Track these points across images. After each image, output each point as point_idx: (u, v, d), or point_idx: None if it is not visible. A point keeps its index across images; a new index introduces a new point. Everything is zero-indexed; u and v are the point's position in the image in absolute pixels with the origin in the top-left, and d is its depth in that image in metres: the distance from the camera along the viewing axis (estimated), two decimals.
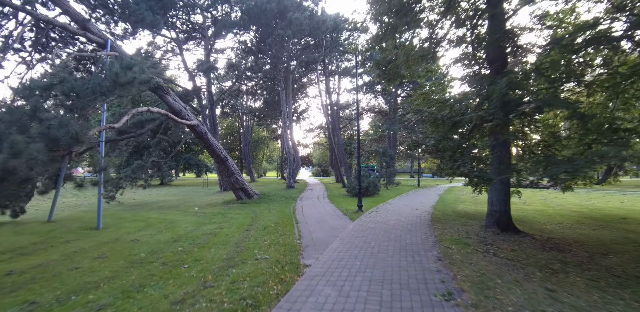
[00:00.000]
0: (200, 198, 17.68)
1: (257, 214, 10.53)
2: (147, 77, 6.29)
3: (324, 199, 15.57)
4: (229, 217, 10.06)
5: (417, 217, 9.70)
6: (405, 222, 8.78)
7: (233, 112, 37.65)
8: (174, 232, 7.94)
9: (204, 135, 12.50)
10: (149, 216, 10.83)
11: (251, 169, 37.33)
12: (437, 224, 8.74)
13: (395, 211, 11.05)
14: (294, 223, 8.69)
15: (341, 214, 10.29)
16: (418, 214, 10.32)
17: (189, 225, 8.91)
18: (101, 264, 5.28)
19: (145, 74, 6.31)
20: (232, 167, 13.56)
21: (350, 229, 7.81)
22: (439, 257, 5.43)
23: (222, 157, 13.14)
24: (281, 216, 10.08)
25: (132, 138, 14.04)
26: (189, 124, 11.34)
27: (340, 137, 27.00)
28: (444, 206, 12.99)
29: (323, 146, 45.82)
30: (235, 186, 13.83)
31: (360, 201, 10.68)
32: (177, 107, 11.85)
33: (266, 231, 7.72)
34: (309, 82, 32.75)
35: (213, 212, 11.50)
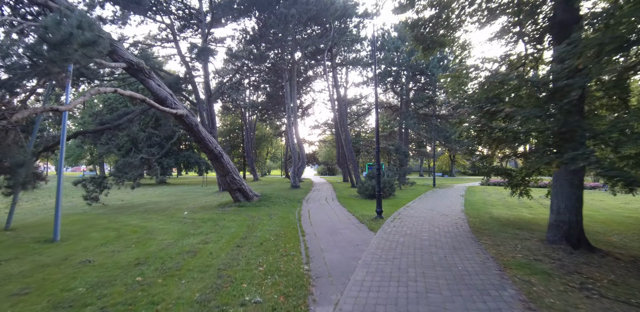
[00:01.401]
0: (196, 199, 15.93)
1: (255, 221, 8.70)
2: (93, 37, 4.44)
3: (333, 201, 13.69)
4: (220, 226, 8.24)
5: (452, 227, 7.79)
6: (441, 235, 6.88)
7: (235, 107, 35.93)
8: (144, 248, 6.12)
9: (194, 128, 10.70)
10: (127, 223, 9.06)
11: (254, 168, 35.60)
12: (482, 236, 6.83)
13: (421, 217, 9.14)
14: (300, 236, 6.83)
15: (357, 222, 8.41)
16: (451, 222, 8.40)
17: (167, 237, 7.10)
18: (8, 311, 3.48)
19: (90, 32, 4.46)
20: (227, 164, 11.75)
21: (374, 245, 5.93)
22: (523, 300, 3.53)
23: (215, 153, 11.34)
24: (284, 224, 8.23)
25: (109, 130, 12.26)
26: (174, 113, 9.54)
27: (348, 133, 25.09)
28: (476, 210, 11.05)
29: (329, 143, 43.93)
30: (231, 187, 12.03)
31: (379, 206, 8.79)
32: (162, 93, 10.05)
33: (263, 247, 5.87)
34: (314, 76, 30.82)
35: (203, 217, 9.70)
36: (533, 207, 13.20)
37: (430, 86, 25.72)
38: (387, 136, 34.36)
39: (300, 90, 30.71)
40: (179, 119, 10.45)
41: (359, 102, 36.65)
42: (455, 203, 12.86)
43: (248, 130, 35.26)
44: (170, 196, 18.20)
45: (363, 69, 28.29)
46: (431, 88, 25.97)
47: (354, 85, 32.51)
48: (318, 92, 34.97)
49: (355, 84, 32.55)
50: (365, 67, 26.59)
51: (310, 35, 21.28)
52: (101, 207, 13.61)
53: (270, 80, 26.78)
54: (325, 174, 55.06)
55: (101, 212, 12.06)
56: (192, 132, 10.89)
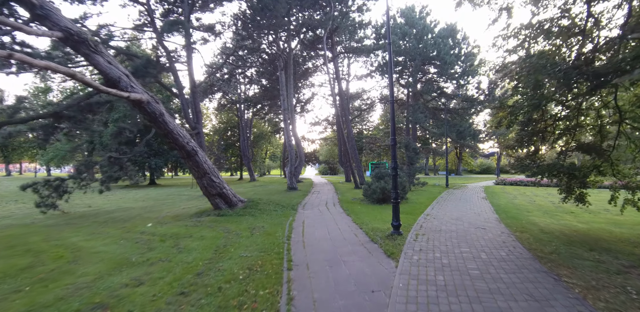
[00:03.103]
0: (174, 205, 13.71)
1: (229, 240, 6.44)
2: None
3: (334, 206, 11.44)
4: (179, 248, 6.00)
5: (502, 249, 5.51)
6: (496, 266, 4.61)
7: (231, 103, 33.70)
8: (38, 294, 3.90)
9: (159, 118, 8.46)
10: (63, 242, 6.85)
11: (250, 167, 33.40)
12: (557, 268, 4.57)
13: (452, 232, 6.87)
14: (284, 269, 4.57)
15: (367, 241, 6.14)
16: (496, 241, 6.12)
17: (94, 269, 4.88)
18: None
19: None
20: (204, 164, 9.50)
21: (401, 292, 3.67)
22: None
23: (188, 149, 9.09)
24: (266, 245, 5.97)
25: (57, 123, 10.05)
26: (126, 96, 7.29)
27: (351, 129, 22.82)
28: (514, 219, 8.76)
29: (330, 141, 41.62)
30: (209, 191, 9.78)
31: (397, 218, 6.51)
32: (114, 73, 7.81)
33: (220, 298, 3.63)
34: (314, 69, 28.53)
35: (167, 232, 7.47)
36: (575, 212, 10.94)
37: (441, 77, 23.40)
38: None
39: (298, 83, 28.44)
40: (138, 105, 8.21)
41: (361, 96, 34.31)
42: (484, 209, 10.57)
43: (244, 128, 33.02)
44: (149, 201, 15.99)
45: (367, 58, 25.96)
46: (442, 79, 23.64)
47: (357, 78, 30.24)
48: (318, 86, 32.74)
49: (358, 76, 30.24)
50: (370, 55, 24.29)
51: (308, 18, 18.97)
52: (58, 216, 11.42)
53: (265, 73, 24.52)
54: (327, 174, 52.82)
55: (51, 223, 9.86)
56: (156, 124, 8.64)
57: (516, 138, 6.79)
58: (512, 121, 7.65)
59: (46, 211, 11.08)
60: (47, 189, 11.33)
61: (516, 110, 7.22)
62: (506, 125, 7.72)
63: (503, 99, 7.40)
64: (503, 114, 7.66)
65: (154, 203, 14.81)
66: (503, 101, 7.37)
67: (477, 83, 22.72)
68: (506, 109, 7.45)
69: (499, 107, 7.48)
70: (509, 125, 7.73)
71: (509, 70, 7.52)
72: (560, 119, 7.54)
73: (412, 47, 22.13)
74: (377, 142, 35.55)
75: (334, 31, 21.28)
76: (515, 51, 7.40)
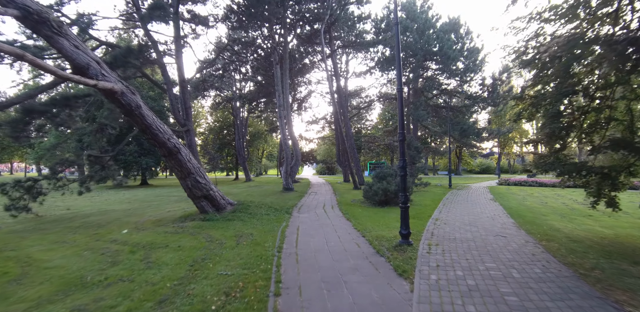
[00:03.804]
0: (160, 207, 12.73)
1: (210, 252, 5.49)
2: None
3: (333, 209, 10.51)
4: (149, 262, 5.05)
5: (534, 264, 4.60)
6: (535, 288, 3.70)
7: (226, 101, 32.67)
8: None
9: (135, 111, 7.49)
10: (18, 253, 5.90)
11: (246, 167, 32.40)
12: (609, 289, 3.67)
13: (469, 241, 5.95)
14: (270, 295, 3.62)
15: (372, 253, 5.21)
16: (525, 253, 5.21)
17: (36, 292, 3.93)
18: None
19: None
20: (188, 163, 8.53)
21: None
22: None
23: (169, 147, 8.12)
24: (252, 258, 5.02)
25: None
26: (93, 84, 6.31)
27: (350, 127, 21.89)
28: (533, 225, 7.86)
29: (328, 140, 40.65)
30: (194, 193, 8.81)
31: (406, 225, 5.57)
32: (82, 59, 6.83)
33: None
34: (311, 65, 27.56)
35: (141, 241, 6.50)
36: (593, 215, 10.07)
37: (443, 73, 22.51)
38: (392, 131, 31.14)
39: (295, 80, 27.48)
40: (111, 97, 7.23)
41: (360, 94, 33.38)
42: (496, 213, 9.66)
43: (239, 127, 31.99)
44: (135, 202, 14.99)
45: (366, 54, 25.01)
46: (444, 75, 22.75)
47: (355, 75, 29.24)
48: (315, 84, 31.78)
49: (357, 73, 29.21)
50: (369, 50, 23.35)
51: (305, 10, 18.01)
52: (30, 220, 10.43)
53: (260, 68, 23.54)
54: (325, 174, 51.87)
55: (18, 228, 8.89)
56: (132, 117, 7.66)
57: (546, 132, 5.88)
58: (533, 113, 6.76)
59: (17, 214, 10.11)
60: (18, 190, 10.34)
61: (540, 101, 6.32)
62: (526, 117, 6.83)
63: (526, 87, 6.49)
64: (524, 106, 6.76)
65: (139, 205, 13.81)
66: (525, 90, 6.45)
67: (481, 79, 21.88)
68: (527, 100, 6.55)
69: (519, 97, 6.57)
70: (530, 117, 6.84)
71: (531, 56, 6.61)
72: (588, 112, 6.64)
73: (413, 41, 21.21)
74: (376, 142, 34.63)
75: (332, 24, 20.33)
76: (539, 34, 6.50)
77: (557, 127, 5.72)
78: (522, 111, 6.83)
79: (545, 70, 6.63)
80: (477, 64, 21.41)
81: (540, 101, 6.28)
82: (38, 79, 26.81)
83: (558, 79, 6.22)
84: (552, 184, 22.21)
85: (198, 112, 50.37)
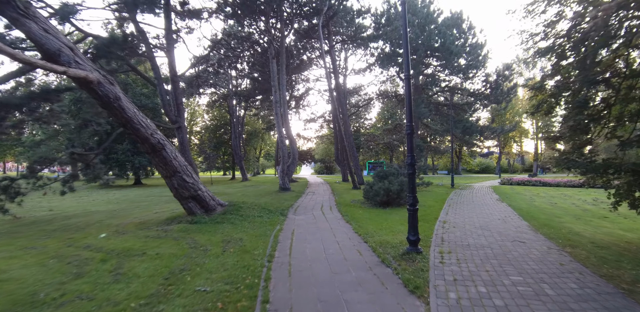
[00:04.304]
0: (149, 207, 12.03)
1: (190, 262, 4.80)
2: None
3: (331, 210, 9.84)
4: (118, 273, 4.36)
5: (566, 276, 3.95)
6: (576, 309, 3.03)
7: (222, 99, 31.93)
8: None
9: (113, 103, 6.79)
10: None
11: (242, 166, 31.65)
12: None
13: (485, 248, 5.28)
14: None
15: (377, 264, 4.54)
16: (551, 262, 4.55)
17: None
18: None
19: None
20: (173, 160, 7.82)
21: None
22: None
23: (152, 142, 7.42)
24: (238, 269, 4.34)
25: None
26: (62, 71, 5.61)
27: (348, 125, 21.21)
28: (550, 228, 7.20)
29: (327, 139, 39.99)
30: (181, 193, 8.11)
31: (415, 231, 4.90)
32: (52, 45, 6.13)
33: None
34: (309, 62, 26.87)
35: (117, 247, 5.81)
36: (608, 216, 9.48)
37: (445, 69, 21.86)
38: (392, 130, 30.48)
39: (292, 77, 26.79)
40: (86, 87, 6.53)
41: (359, 92, 32.71)
42: (506, 214, 9.01)
43: (235, 125, 31.25)
44: (123, 203, 14.28)
45: (365, 51, 24.34)
46: (446, 72, 22.10)
47: (354, 72, 28.55)
48: (313, 81, 31.07)
49: (356, 70, 28.52)
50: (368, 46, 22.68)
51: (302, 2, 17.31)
52: (6, 222, 9.72)
53: (256, 64, 22.83)
54: (323, 173, 51.21)
55: None
56: (110, 110, 6.96)
57: (570, 125, 5.22)
58: (552, 105, 6.10)
59: None
60: None
61: (561, 91, 5.66)
62: (545, 110, 6.17)
63: (546, 76, 5.83)
64: (543, 97, 6.10)
65: (127, 206, 13.11)
66: (546, 79, 5.79)
67: (485, 75, 21.24)
68: (547, 90, 5.89)
69: (538, 88, 5.91)
70: (549, 110, 6.18)
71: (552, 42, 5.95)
72: (613, 104, 5.99)
73: (414, 37, 20.55)
74: (375, 140, 33.96)
75: (330, 19, 19.63)
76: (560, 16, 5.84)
77: (582, 118, 5.05)
78: (540, 103, 6.17)
79: (564, 59, 5.99)
80: (479, 60, 20.77)
81: (562, 91, 5.63)
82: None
83: (582, 67, 5.57)
84: (556, 183, 21.65)
85: (194, 110, 49.65)
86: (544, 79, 5.80)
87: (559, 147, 6.68)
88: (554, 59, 6.13)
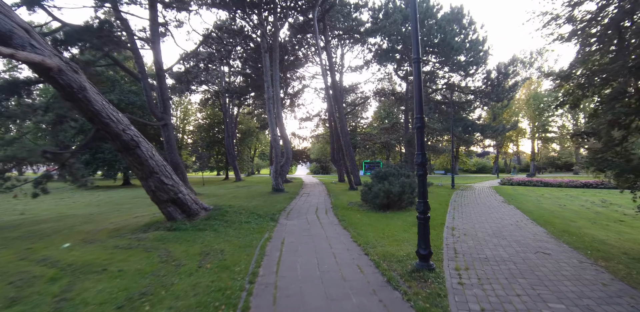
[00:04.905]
0: (131, 211, 11.16)
1: (155, 283, 3.96)
2: None
3: (327, 214, 9.04)
4: (63, 299, 3.53)
5: (617, 302, 3.18)
6: None
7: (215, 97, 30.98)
8: None
9: (77, 94, 5.92)
10: None
11: (236, 166, 30.74)
12: None
13: (507, 262, 4.51)
14: None
15: (382, 286, 3.74)
16: (591, 281, 3.79)
17: None
18: None
19: None
20: (149, 160, 6.97)
21: None
22: None
23: (124, 140, 6.56)
24: (211, 294, 3.51)
25: None
26: (9, 54, 4.74)
27: (345, 123, 20.42)
28: (572, 235, 6.46)
29: (322, 139, 39.16)
30: (159, 197, 7.25)
31: (426, 244, 4.11)
32: (2, 25, 5.26)
33: None
34: (304, 58, 26.05)
35: (77, 261, 4.96)
36: (624, 220, 8.82)
37: (445, 66, 21.15)
38: (389, 129, 29.76)
39: (287, 74, 25.94)
40: (45, 75, 5.66)
41: (355, 90, 31.95)
42: (518, 218, 8.27)
43: (229, 124, 30.33)
44: (105, 205, 13.35)
45: (362, 46, 23.57)
46: (446, 69, 21.39)
47: (351, 69, 27.80)
48: (309, 79, 30.31)
49: (352, 68, 27.77)
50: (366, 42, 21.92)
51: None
52: None
53: (249, 59, 21.97)
54: (319, 173, 50.42)
55: None
56: (75, 102, 6.09)
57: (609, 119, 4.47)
58: (579, 98, 5.35)
59: None
60: None
61: (592, 79, 4.91)
62: (571, 103, 5.42)
63: (575, 63, 5.07)
64: (569, 88, 5.35)
65: (108, 209, 12.20)
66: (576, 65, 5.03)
67: (486, 72, 20.53)
68: (576, 78, 5.13)
69: (565, 76, 5.15)
70: (575, 103, 5.43)
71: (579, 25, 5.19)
72: None
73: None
74: (372, 140, 33.22)
75: (326, 12, 18.83)
76: None
77: (622, 111, 4.30)
78: (566, 96, 5.42)
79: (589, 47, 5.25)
80: (480, 56, 20.08)
81: (593, 79, 4.87)
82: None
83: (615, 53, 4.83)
84: (557, 183, 21.09)
85: (187, 109, 48.58)
86: (573, 66, 5.04)
87: (586, 146, 5.91)
88: (578, 45, 5.38)
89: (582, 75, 4.99)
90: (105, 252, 5.53)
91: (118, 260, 5.00)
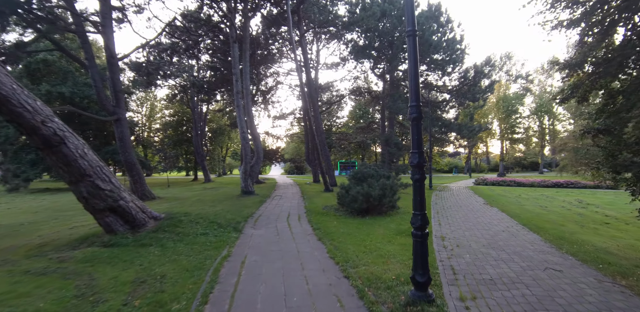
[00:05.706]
0: (72, 219, 9.56)
1: None
2: None
3: (299, 222, 8.02)
4: None
5: None
6: None
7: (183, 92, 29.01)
8: None
9: None
10: None
11: (205, 166, 29.00)
12: None
13: (517, 283, 3.70)
14: None
15: None
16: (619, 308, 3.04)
17: None
18: None
19: None
20: (80, 159, 5.65)
21: None
22: None
23: (44, 134, 5.21)
24: None
25: None
26: None
27: (320, 121, 19.49)
28: (569, 243, 5.85)
29: (297, 138, 38.04)
30: (93, 205, 5.93)
31: (424, 268, 3.21)
32: None
33: None
34: (278, 54, 24.87)
35: None
36: (609, 223, 8.53)
37: (422, 64, 20.74)
38: (365, 128, 29.16)
39: (260, 69, 24.63)
40: None
41: (330, 88, 31.11)
42: (507, 224, 7.65)
43: (197, 121, 28.52)
44: (43, 212, 11.56)
45: (338, 42, 22.75)
46: (424, 67, 20.99)
47: (326, 66, 26.94)
48: (284, 75, 29.09)
49: (328, 65, 26.91)
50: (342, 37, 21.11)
51: None
52: None
53: (217, 51, 20.48)
54: (293, 173, 49.26)
55: None
56: None
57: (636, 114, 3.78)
58: (588, 90, 4.68)
59: None
60: None
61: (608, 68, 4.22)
62: (581, 95, 4.74)
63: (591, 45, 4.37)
64: (578, 79, 4.66)
65: (45, 216, 10.48)
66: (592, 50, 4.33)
67: (463, 71, 20.34)
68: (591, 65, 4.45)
69: (575, 64, 4.45)
70: (583, 96, 4.76)
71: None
72: None
73: (391, 28, 19.21)
74: (347, 139, 32.53)
75: (301, 3, 17.79)
76: None
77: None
78: (573, 89, 4.72)
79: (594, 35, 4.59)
80: (457, 54, 19.84)
81: (608, 69, 4.19)
82: None
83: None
84: (530, 183, 21.34)
85: (154, 106, 45.78)
86: (587, 52, 4.32)
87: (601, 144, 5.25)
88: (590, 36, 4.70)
89: (596, 62, 4.30)
90: (8, 280, 4.22)
91: (18, 294, 3.73)
